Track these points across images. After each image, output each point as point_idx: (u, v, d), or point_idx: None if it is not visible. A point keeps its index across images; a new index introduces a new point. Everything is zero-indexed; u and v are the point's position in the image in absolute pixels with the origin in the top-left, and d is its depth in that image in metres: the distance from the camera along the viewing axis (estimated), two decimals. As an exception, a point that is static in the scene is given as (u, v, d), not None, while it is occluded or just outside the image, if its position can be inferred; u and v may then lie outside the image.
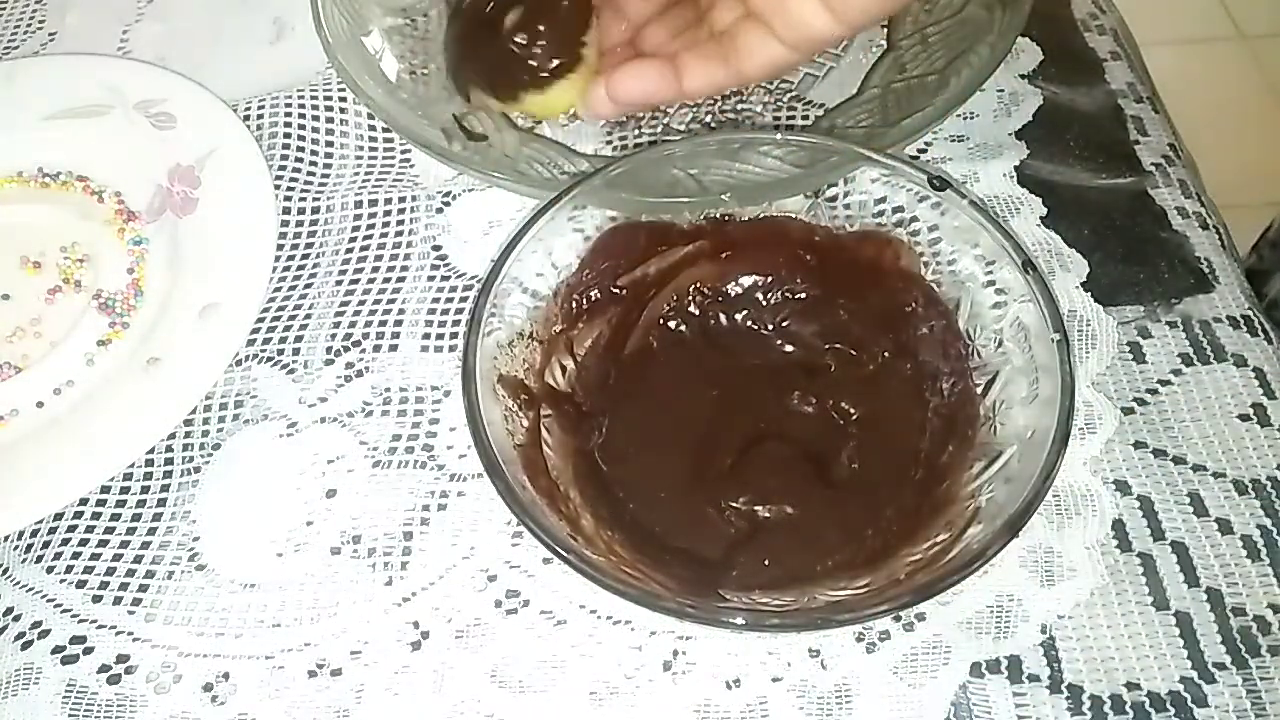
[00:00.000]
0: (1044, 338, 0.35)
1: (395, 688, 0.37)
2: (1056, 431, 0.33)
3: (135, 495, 0.42)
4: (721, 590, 0.35)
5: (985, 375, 0.38)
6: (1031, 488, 0.32)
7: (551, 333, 0.41)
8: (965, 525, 0.34)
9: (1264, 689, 0.35)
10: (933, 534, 0.35)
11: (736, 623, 0.32)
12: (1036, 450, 0.33)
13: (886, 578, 0.34)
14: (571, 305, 0.41)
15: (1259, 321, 0.43)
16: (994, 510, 0.34)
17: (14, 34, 0.60)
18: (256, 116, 0.53)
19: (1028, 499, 0.32)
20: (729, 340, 0.42)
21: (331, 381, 0.45)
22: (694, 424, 0.40)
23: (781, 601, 0.35)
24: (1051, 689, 0.35)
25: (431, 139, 0.48)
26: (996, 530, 0.32)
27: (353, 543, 0.40)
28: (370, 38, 0.53)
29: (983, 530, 0.33)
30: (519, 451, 0.37)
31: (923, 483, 0.37)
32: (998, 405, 0.37)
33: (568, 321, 0.41)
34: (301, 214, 0.50)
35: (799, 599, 0.35)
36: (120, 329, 0.47)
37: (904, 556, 0.35)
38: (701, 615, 0.32)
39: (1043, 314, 0.35)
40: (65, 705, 0.38)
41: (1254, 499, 0.39)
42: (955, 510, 0.35)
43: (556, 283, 0.41)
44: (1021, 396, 0.36)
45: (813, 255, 0.42)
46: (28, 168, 0.53)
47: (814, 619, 0.34)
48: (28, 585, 0.41)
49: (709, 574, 0.36)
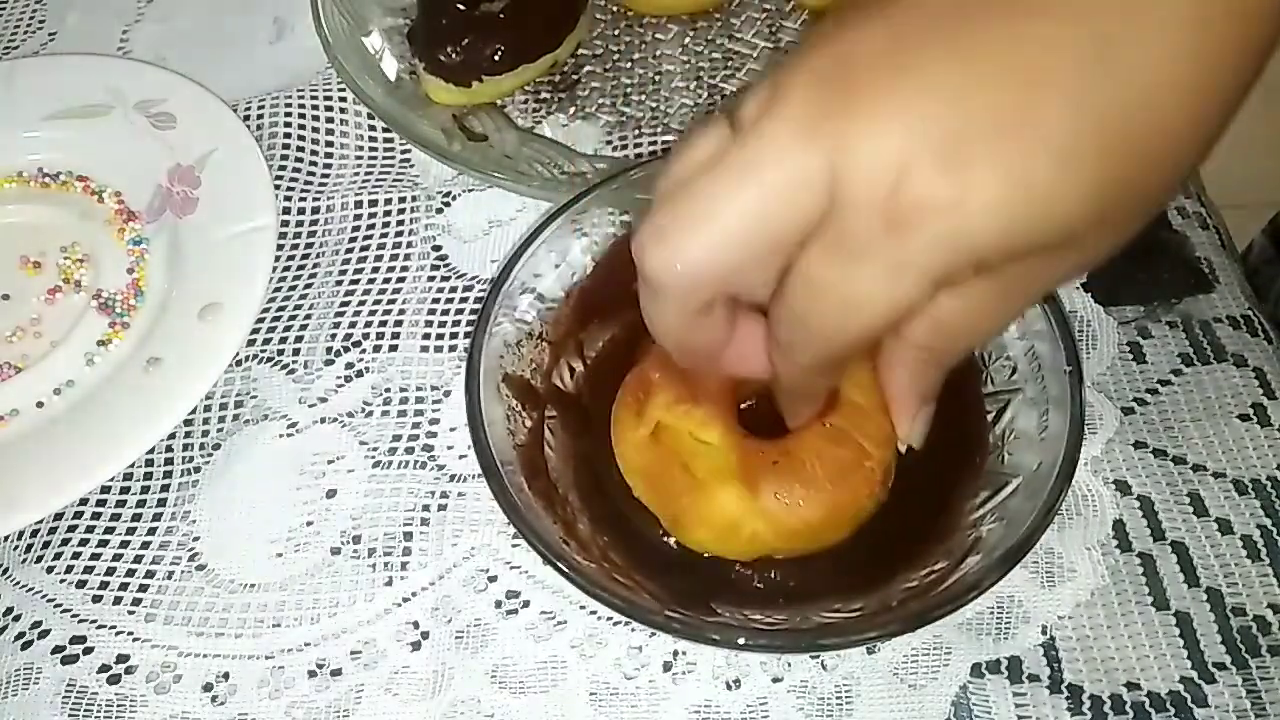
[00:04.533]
0: (1057, 369, 0.35)
1: (395, 688, 0.37)
2: (1062, 466, 0.32)
3: (135, 495, 0.42)
4: (715, 604, 0.35)
5: (997, 404, 0.38)
6: (1032, 523, 0.32)
7: (561, 334, 0.40)
8: (964, 555, 0.34)
9: (1264, 689, 0.35)
10: (932, 561, 0.35)
11: (714, 639, 0.32)
12: (1041, 484, 0.33)
13: (880, 602, 0.34)
14: (584, 307, 0.41)
15: (1259, 321, 0.43)
16: (993, 541, 0.33)
17: (14, 34, 0.60)
18: (256, 116, 0.53)
19: (1027, 533, 0.32)
20: None
21: (331, 381, 0.45)
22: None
23: (774, 619, 0.35)
24: (1051, 689, 0.35)
25: (431, 139, 0.48)
26: (993, 562, 0.32)
27: (353, 543, 0.40)
28: (370, 38, 0.53)
29: (980, 560, 0.33)
30: (519, 452, 0.37)
31: (926, 508, 0.37)
32: (1007, 435, 0.37)
33: (579, 324, 0.41)
34: (301, 214, 0.50)
35: (791, 618, 0.35)
36: (120, 329, 0.47)
37: (901, 581, 0.34)
38: (685, 629, 0.32)
39: (1057, 344, 0.35)
40: (65, 705, 0.38)
41: (1254, 499, 0.39)
42: (956, 539, 0.35)
43: (569, 284, 0.41)
44: (1031, 428, 0.36)
45: None
46: (28, 168, 0.53)
47: (799, 642, 0.34)
48: (28, 585, 0.41)
49: (703, 587, 0.36)
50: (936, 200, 0.23)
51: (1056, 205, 0.23)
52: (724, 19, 0.55)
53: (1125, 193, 0.24)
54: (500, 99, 0.52)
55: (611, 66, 0.53)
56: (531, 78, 0.52)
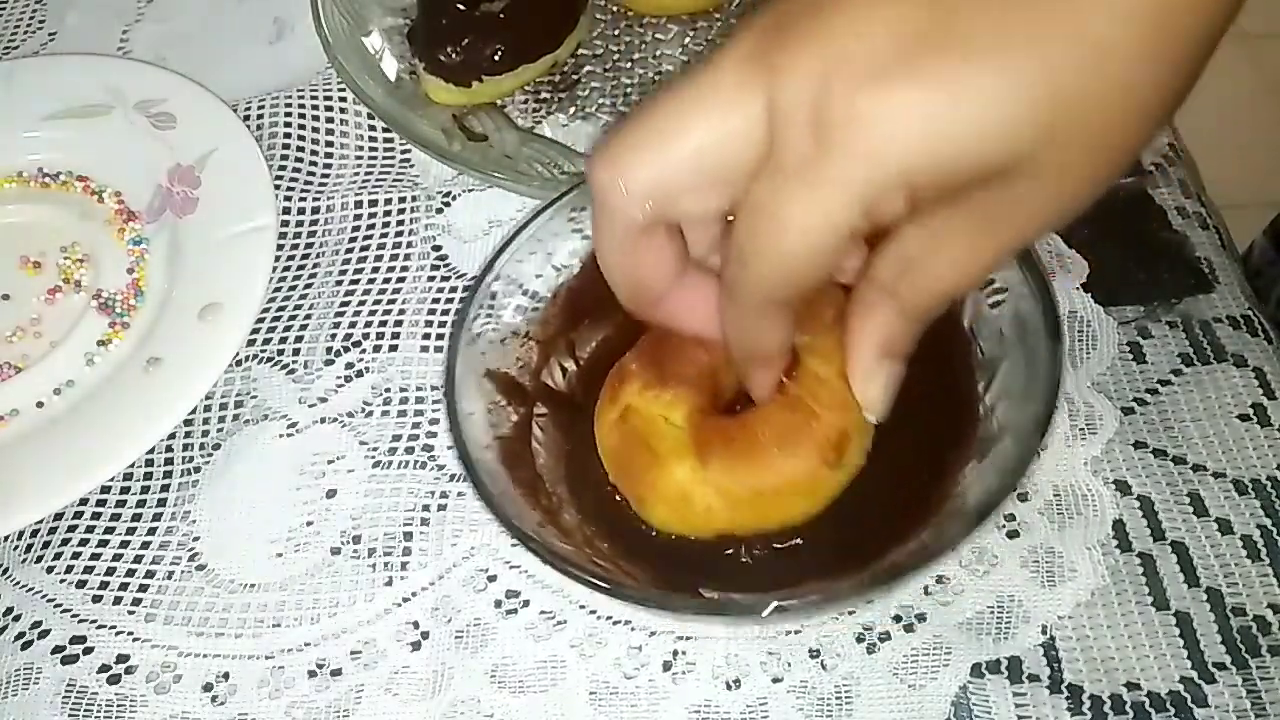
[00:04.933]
0: (1039, 332, 0.34)
1: (395, 688, 0.37)
2: (1038, 424, 0.32)
3: (135, 495, 0.42)
4: (702, 590, 0.35)
5: (987, 374, 0.37)
6: (1008, 474, 0.32)
7: (550, 333, 0.41)
8: (945, 520, 0.34)
9: (1264, 689, 0.35)
10: (920, 533, 0.34)
11: (694, 609, 0.32)
12: (1018, 443, 0.33)
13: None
14: (572, 307, 0.41)
15: (1259, 321, 0.43)
16: (971, 504, 0.33)
17: (14, 34, 0.60)
18: (256, 116, 0.53)
19: (999, 486, 0.32)
20: None
21: (331, 381, 0.45)
22: None
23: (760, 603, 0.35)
24: (1051, 689, 0.35)
25: (431, 139, 0.48)
26: (964, 520, 0.32)
27: (353, 543, 0.40)
28: (370, 38, 0.53)
29: (955, 523, 0.33)
30: (501, 442, 0.37)
31: (917, 484, 0.36)
32: (996, 404, 0.37)
33: (567, 323, 0.41)
34: (301, 214, 0.50)
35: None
36: (120, 329, 0.47)
37: (891, 558, 0.34)
38: (658, 602, 0.33)
39: (1038, 307, 0.35)
40: (65, 705, 0.38)
41: (1254, 499, 0.39)
42: (945, 510, 0.35)
43: (556, 284, 0.41)
44: (1018, 390, 0.35)
45: None
46: (28, 168, 0.53)
47: (784, 603, 0.32)
48: (28, 585, 0.41)
49: (689, 574, 0.35)
50: (858, 115, 0.24)
51: (988, 116, 0.23)
52: (724, 19, 0.55)
53: (1075, 116, 0.24)
54: (500, 99, 0.52)
55: (611, 66, 0.53)
56: (531, 78, 0.52)
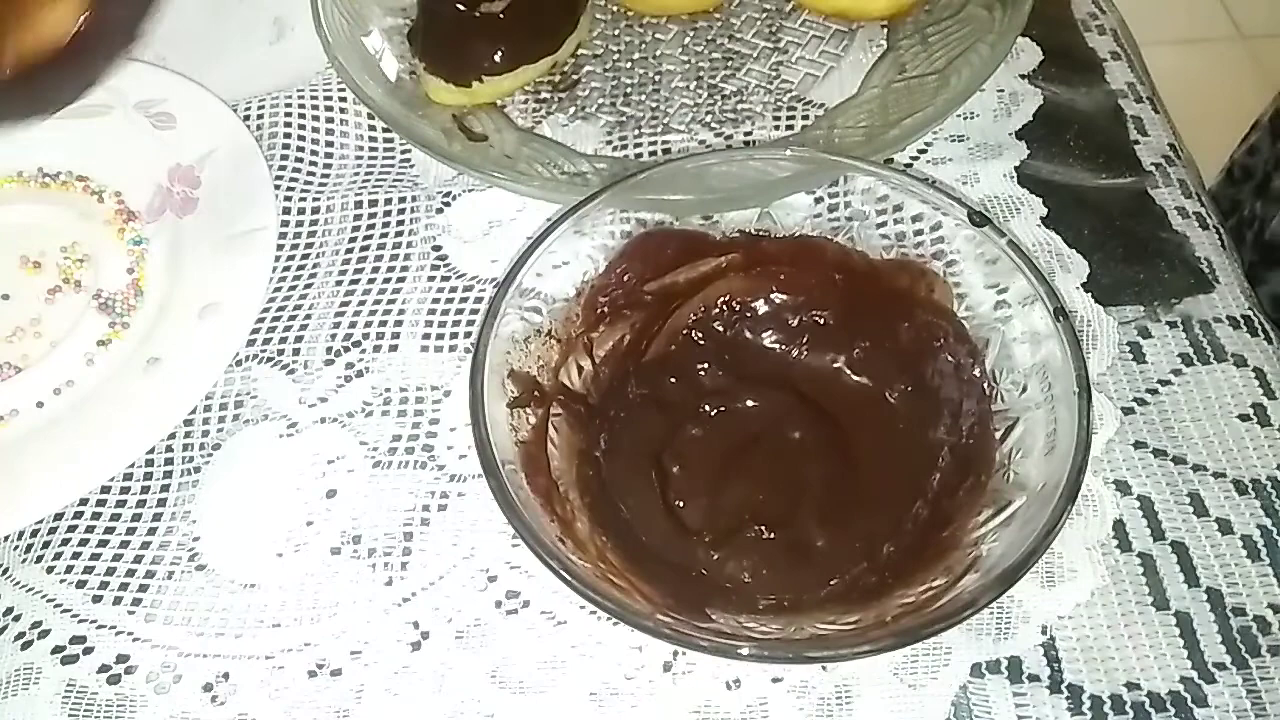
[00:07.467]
0: (1067, 390, 0.34)
1: (395, 688, 0.37)
2: (1065, 487, 0.32)
3: (135, 495, 0.42)
4: (711, 611, 0.35)
5: (1006, 421, 0.37)
6: (1032, 542, 0.31)
7: (571, 333, 0.40)
8: (962, 573, 0.33)
9: (1264, 689, 0.35)
10: (930, 578, 0.34)
11: (703, 644, 0.32)
12: (1043, 504, 0.33)
13: (876, 617, 0.34)
14: (595, 307, 0.41)
15: (1259, 321, 0.43)
16: (992, 561, 0.33)
17: (14, 34, 0.60)
18: (256, 116, 0.53)
19: (1027, 552, 0.31)
20: (749, 358, 0.42)
21: (331, 381, 0.45)
22: (702, 440, 0.39)
23: (767, 629, 0.34)
24: (1051, 689, 0.35)
25: (431, 139, 0.48)
26: (990, 582, 0.32)
27: (353, 543, 0.40)
28: (370, 38, 0.53)
29: (978, 580, 0.32)
30: (521, 448, 0.37)
31: (928, 524, 0.36)
32: (1014, 453, 0.36)
33: (589, 323, 0.41)
34: (301, 214, 0.50)
35: (785, 629, 0.34)
36: (120, 329, 0.47)
37: (898, 598, 0.34)
38: (674, 635, 0.32)
39: (1069, 364, 0.34)
40: (65, 705, 0.38)
41: (1254, 499, 0.39)
42: (956, 556, 0.35)
43: (580, 283, 0.41)
44: (1039, 447, 0.35)
45: (845, 279, 0.41)
46: (28, 168, 0.53)
47: (788, 652, 0.33)
48: (28, 585, 0.41)
49: (699, 592, 0.36)
50: None
51: None
52: (724, 19, 0.55)
53: None
54: (500, 99, 0.52)
55: (611, 66, 0.53)
56: (531, 78, 0.52)
